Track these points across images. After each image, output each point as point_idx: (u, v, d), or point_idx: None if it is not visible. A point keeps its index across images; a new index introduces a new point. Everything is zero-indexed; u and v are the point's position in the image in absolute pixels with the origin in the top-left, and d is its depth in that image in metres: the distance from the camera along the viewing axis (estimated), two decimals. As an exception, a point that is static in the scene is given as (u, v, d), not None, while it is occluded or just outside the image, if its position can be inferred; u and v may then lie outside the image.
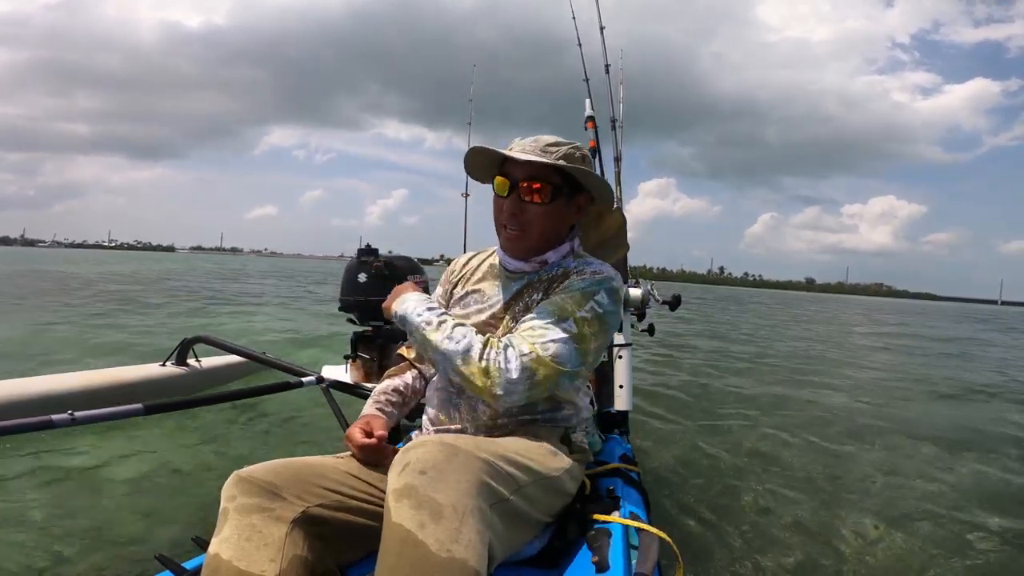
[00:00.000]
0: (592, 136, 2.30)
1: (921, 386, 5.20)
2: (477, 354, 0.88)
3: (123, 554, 1.56)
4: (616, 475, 1.19)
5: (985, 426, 3.68)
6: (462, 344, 0.89)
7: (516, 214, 1.00)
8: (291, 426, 2.81)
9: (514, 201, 1.00)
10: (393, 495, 0.68)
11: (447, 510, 0.65)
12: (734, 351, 7.07)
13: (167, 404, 1.72)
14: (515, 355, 0.88)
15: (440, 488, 0.67)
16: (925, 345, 10.25)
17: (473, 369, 0.87)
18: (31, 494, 1.91)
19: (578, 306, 0.94)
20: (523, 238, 1.02)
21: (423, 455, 0.71)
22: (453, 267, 1.23)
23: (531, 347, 0.88)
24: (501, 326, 1.04)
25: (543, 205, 0.99)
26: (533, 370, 0.87)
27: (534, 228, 1.01)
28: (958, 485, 2.43)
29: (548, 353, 0.88)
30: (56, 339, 5.00)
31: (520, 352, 0.88)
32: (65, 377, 2.63)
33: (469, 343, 0.89)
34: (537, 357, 0.88)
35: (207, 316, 7.57)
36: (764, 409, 3.75)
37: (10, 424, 1.33)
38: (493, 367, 0.86)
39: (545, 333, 0.90)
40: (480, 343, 0.89)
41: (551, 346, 0.89)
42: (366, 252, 2.57)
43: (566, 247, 1.08)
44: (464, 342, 0.89)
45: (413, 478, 0.68)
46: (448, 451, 0.72)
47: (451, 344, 0.89)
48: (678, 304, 1.94)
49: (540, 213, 1.00)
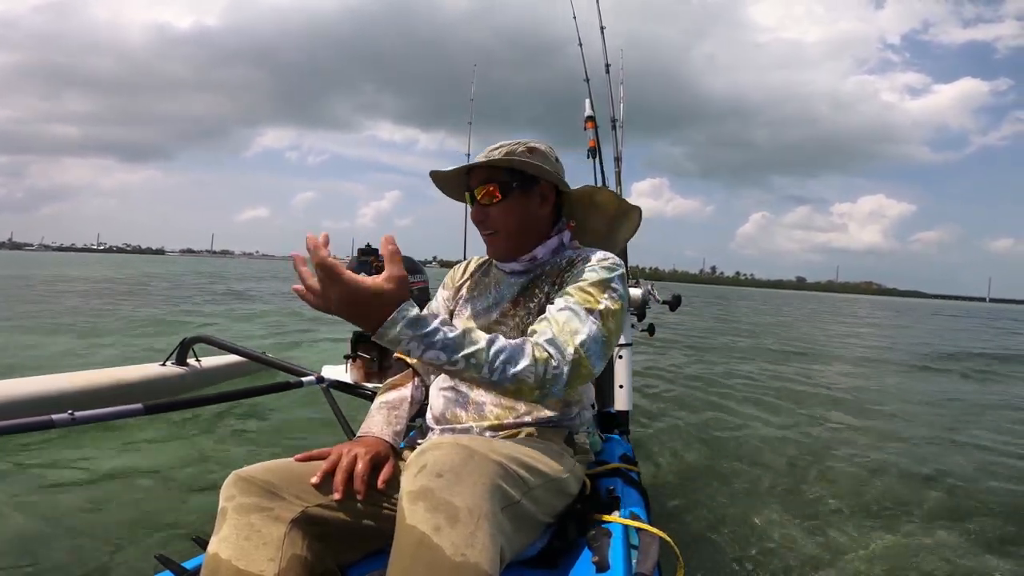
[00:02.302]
0: (592, 136, 2.30)
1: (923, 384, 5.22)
2: (531, 374, 0.81)
3: (123, 554, 1.56)
4: (616, 475, 1.19)
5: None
6: (508, 370, 0.80)
7: (481, 219, 1.06)
8: (291, 426, 2.82)
9: (476, 208, 1.06)
10: (408, 497, 0.67)
11: (463, 513, 0.65)
12: (733, 349, 7.08)
13: (167, 404, 1.72)
14: (566, 363, 0.84)
15: (456, 491, 0.67)
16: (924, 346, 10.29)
17: (523, 386, 0.81)
18: (31, 494, 1.92)
19: (599, 296, 0.94)
20: (496, 239, 1.07)
21: (440, 457, 0.70)
22: (455, 270, 1.26)
23: (575, 350, 0.85)
24: (511, 323, 1.06)
25: (498, 204, 1.04)
26: (577, 375, 0.85)
27: (500, 226, 1.06)
28: (958, 484, 2.43)
29: (586, 350, 0.86)
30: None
31: (568, 359, 0.84)
32: (65, 377, 2.63)
33: (515, 363, 0.80)
34: (580, 360, 0.85)
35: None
36: (764, 409, 3.76)
37: (10, 424, 1.34)
38: (549, 381, 0.83)
39: (579, 329, 0.88)
40: (529, 357, 0.81)
41: (588, 343, 0.87)
42: (366, 252, 2.57)
43: (554, 241, 1.10)
44: (507, 364, 0.80)
45: (430, 480, 0.67)
46: (464, 453, 0.72)
47: (491, 373, 0.79)
48: (678, 304, 1.95)
49: (498, 211, 1.05)
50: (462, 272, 1.23)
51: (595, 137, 2.30)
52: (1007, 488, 2.41)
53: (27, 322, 6.27)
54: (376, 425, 1.06)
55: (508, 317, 1.07)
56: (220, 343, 2.70)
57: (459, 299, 1.18)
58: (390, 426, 1.06)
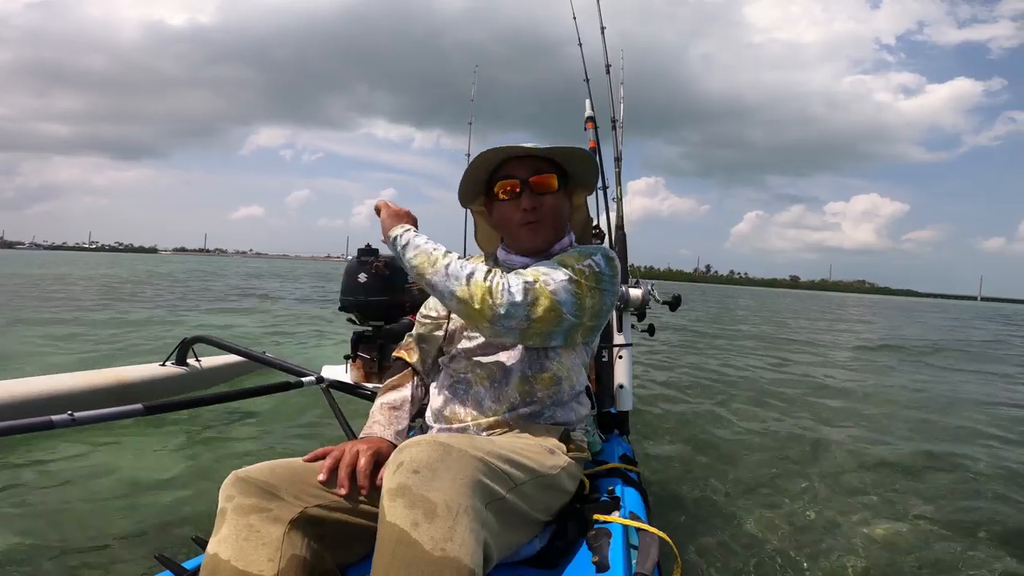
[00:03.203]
0: (592, 136, 2.30)
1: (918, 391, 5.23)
2: (482, 276, 0.93)
3: (123, 554, 1.56)
4: (616, 475, 1.19)
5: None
6: (467, 269, 0.94)
7: (536, 207, 1.06)
8: (290, 426, 2.81)
9: (529, 196, 1.05)
10: (387, 495, 0.68)
11: (440, 508, 0.65)
12: (732, 349, 7.08)
13: (167, 404, 1.72)
14: (518, 280, 0.94)
15: (433, 487, 0.67)
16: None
17: (475, 290, 0.91)
18: (31, 495, 1.92)
19: (576, 262, 1.00)
20: (541, 227, 1.08)
21: (416, 454, 0.71)
22: None
23: (534, 276, 0.95)
24: None
25: (554, 194, 1.08)
26: (535, 296, 0.93)
27: (549, 217, 1.08)
28: (958, 480, 2.44)
29: (549, 288, 0.95)
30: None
31: (524, 278, 0.94)
32: (65, 377, 2.64)
33: (473, 267, 0.94)
34: (539, 287, 0.94)
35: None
36: (764, 409, 3.76)
37: (10, 424, 1.34)
38: (496, 287, 0.92)
39: (547, 272, 0.97)
40: (484, 268, 0.94)
41: (551, 283, 0.95)
42: (366, 252, 2.57)
43: (567, 240, 1.14)
44: (469, 267, 0.94)
45: (406, 477, 0.68)
46: (441, 450, 0.72)
47: (455, 267, 0.94)
48: (678, 304, 1.95)
49: (552, 200, 1.07)
50: None
51: (595, 137, 2.30)
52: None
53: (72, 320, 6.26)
54: (378, 426, 1.06)
55: None
56: (220, 343, 2.71)
57: None
58: (391, 426, 1.07)
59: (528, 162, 1.06)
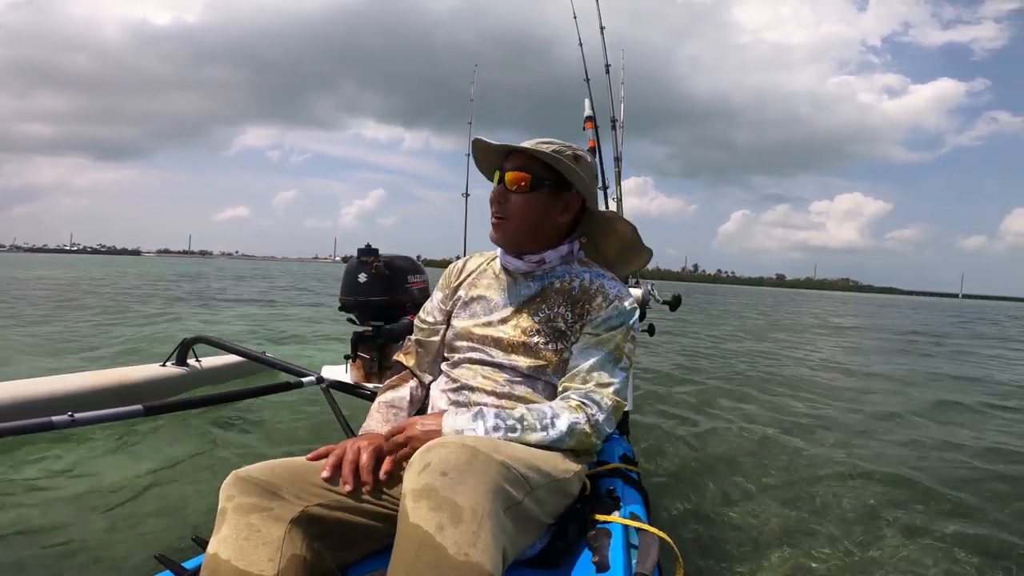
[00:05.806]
0: (592, 136, 2.30)
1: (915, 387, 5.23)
2: (581, 429, 0.95)
3: (123, 554, 1.56)
4: (616, 475, 1.19)
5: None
6: (556, 425, 0.94)
7: (499, 201, 1.06)
8: (290, 426, 2.81)
9: (498, 189, 1.07)
10: (411, 495, 0.67)
11: (466, 513, 0.65)
12: (731, 350, 7.08)
13: (167, 404, 1.72)
14: (605, 412, 0.98)
15: (460, 491, 0.67)
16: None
17: (582, 439, 0.95)
18: (31, 495, 1.91)
19: (623, 341, 1.04)
20: (505, 224, 1.07)
21: (445, 456, 0.70)
22: (451, 270, 1.23)
23: (612, 399, 0.99)
24: (512, 326, 1.06)
25: (523, 193, 1.05)
26: (617, 415, 1.00)
27: (514, 215, 1.06)
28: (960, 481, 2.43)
29: (619, 396, 1.01)
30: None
31: (606, 407, 0.98)
32: (65, 378, 2.63)
33: (565, 423, 0.94)
34: (618, 404, 1.00)
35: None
36: (765, 407, 3.75)
37: (10, 425, 1.33)
38: (595, 423, 0.96)
39: (612, 382, 1.01)
40: (570, 416, 0.95)
41: (620, 389, 1.01)
42: (366, 252, 2.57)
43: (565, 248, 1.10)
44: (557, 423, 0.94)
45: (433, 479, 0.68)
46: (469, 453, 0.72)
47: (552, 433, 0.93)
48: (678, 304, 1.95)
49: (520, 200, 1.05)
50: (458, 272, 1.21)
51: (595, 137, 2.30)
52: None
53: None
54: (376, 424, 1.06)
55: (510, 320, 1.07)
56: (220, 343, 2.70)
57: (457, 300, 1.16)
58: (389, 423, 1.07)
59: (520, 159, 1.05)
